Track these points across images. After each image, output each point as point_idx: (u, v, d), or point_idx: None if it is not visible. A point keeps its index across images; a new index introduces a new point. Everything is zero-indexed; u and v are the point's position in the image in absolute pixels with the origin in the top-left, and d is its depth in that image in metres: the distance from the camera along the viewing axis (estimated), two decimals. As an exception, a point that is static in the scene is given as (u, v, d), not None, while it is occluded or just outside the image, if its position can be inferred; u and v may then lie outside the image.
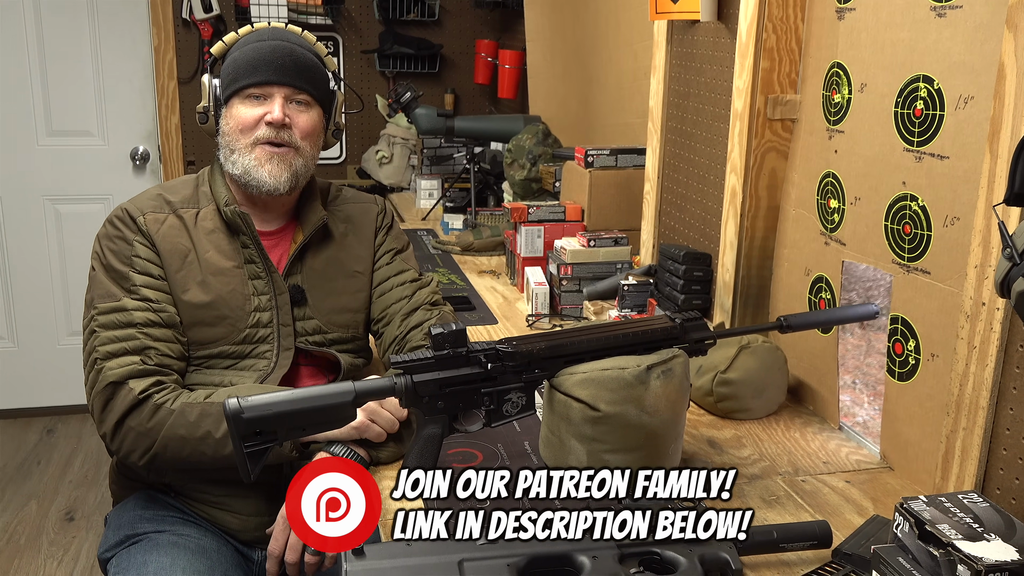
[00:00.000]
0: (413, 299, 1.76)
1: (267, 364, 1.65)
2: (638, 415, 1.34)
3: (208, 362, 1.65)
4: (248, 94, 1.63)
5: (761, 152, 1.86)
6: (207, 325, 1.63)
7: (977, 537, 1.05)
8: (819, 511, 1.39)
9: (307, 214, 1.74)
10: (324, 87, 1.72)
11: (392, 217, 1.88)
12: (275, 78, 1.63)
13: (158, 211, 1.66)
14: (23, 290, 4.08)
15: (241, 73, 1.63)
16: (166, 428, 1.49)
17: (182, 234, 1.65)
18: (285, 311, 1.68)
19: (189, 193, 1.71)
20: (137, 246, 1.61)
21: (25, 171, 3.99)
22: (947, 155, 1.38)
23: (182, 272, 1.63)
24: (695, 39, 2.14)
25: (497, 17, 4.41)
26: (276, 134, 1.63)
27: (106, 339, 1.54)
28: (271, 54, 1.63)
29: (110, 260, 1.61)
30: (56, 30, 3.91)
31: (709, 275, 2.07)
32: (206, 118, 1.70)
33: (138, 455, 1.52)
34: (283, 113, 1.62)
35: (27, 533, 3.25)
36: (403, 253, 1.84)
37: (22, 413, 4.16)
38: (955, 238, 1.37)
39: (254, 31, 1.70)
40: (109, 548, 1.65)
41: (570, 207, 2.49)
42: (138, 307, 1.57)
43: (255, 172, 1.63)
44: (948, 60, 1.38)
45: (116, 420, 1.51)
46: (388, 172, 4.20)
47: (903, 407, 1.51)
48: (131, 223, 1.63)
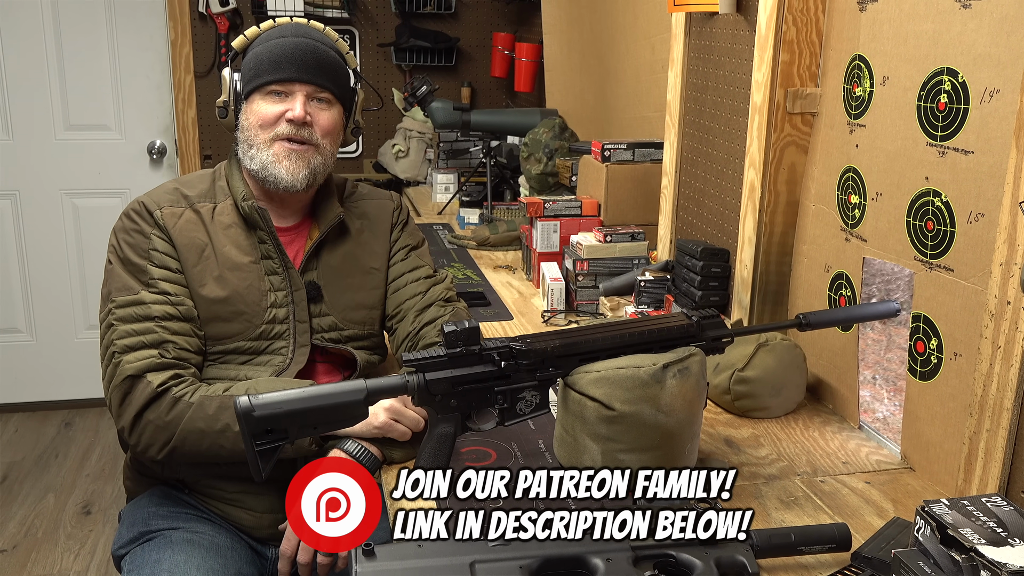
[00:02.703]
0: (427, 295, 1.76)
1: (283, 360, 1.65)
2: (654, 414, 1.32)
3: (224, 357, 1.64)
4: (270, 90, 1.63)
5: (780, 146, 1.83)
6: (223, 320, 1.63)
7: (1001, 542, 1.02)
8: (838, 513, 1.37)
9: (324, 211, 1.73)
10: (345, 85, 1.71)
11: (408, 213, 1.87)
12: (297, 75, 1.62)
13: (175, 205, 1.65)
14: (41, 284, 4.10)
15: (263, 69, 1.63)
16: (185, 421, 1.49)
17: (199, 228, 1.64)
18: (301, 307, 1.67)
19: (206, 187, 1.70)
20: (154, 239, 1.61)
21: (43, 165, 4.01)
22: (971, 150, 1.35)
23: (199, 267, 1.62)
24: (713, 31, 2.11)
25: (514, 10, 4.39)
26: (296, 131, 1.62)
27: (124, 332, 1.54)
28: (294, 51, 1.63)
29: (127, 253, 1.60)
30: (73, 24, 3.92)
31: (727, 271, 2.05)
32: (226, 112, 1.69)
33: (156, 449, 1.51)
34: (304, 111, 1.62)
35: (44, 526, 3.27)
36: (418, 249, 1.83)
37: (40, 406, 4.19)
38: (979, 235, 1.34)
39: (276, 27, 1.69)
40: (123, 545, 1.65)
41: (586, 202, 2.47)
42: (156, 300, 1.57)
43: (273, 168, 1.62)
44: (973, 52, 1.35)
45: (135, 413, 1.50)
46: (404, 166, 4.19)
47: (925, 407, 1.49)
48: (148, 217, 1.62)
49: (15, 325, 4.14)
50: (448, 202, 3.66)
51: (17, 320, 4.13)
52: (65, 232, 4.08)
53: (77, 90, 3.98)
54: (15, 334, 4.15)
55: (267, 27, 1.69)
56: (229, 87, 1.68)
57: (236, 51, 1.70)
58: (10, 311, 4.11)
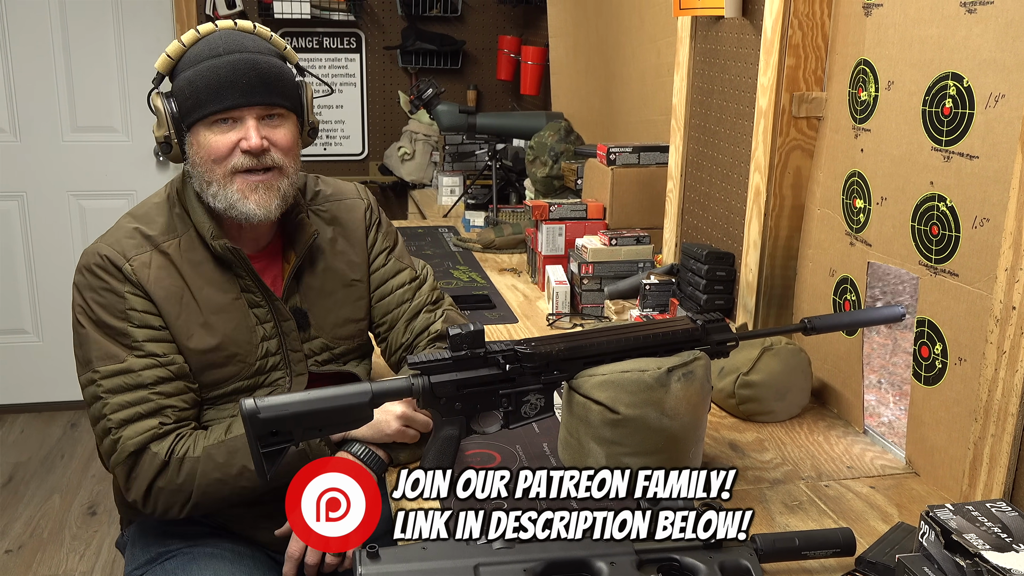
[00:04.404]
0: (415, 301, 1.72)
1: (283, 392, 1.59)
2: (658, 418, 1.32)
3: (221, 400, 1.57)
4: (215, 120, 1.48)
5: (786, 150, 1.83)
6: (218, 367, 1.54)
7: (1005, 547, 1.02)
8: (842, 517, 1.37)
9: (295, 231, 1.62)
10: (294, 93, 1.55)
11: (379, 211, 1.78)
12: (243, 100, 1.47)
13: (140, 251, 1.50)
14: (48, 285, 4.11)
15: (203, 99, 1.46)
16: (199, 476, 1.44)
17: (171, 273, 1.51)
18: (292, 337, 1.60)
19: (165, 220, 1.55)
20: (129, 297, 1.48)
21: (49, 167, 4.02)
22: (977, 154, 1.35)
23: (182, 317, 1.51)
24: (719, 35, 2.11)
25: (520, 13, 4.39)
26: (256, 161, 1.49)
27: (117, 405, 1.45)
28: (232, 73, 1.46)
29: (101, 315, 1.47)
30: (80, 27, 3.94)
31: (732, 275, 2.05)
32: (169, 147, 1.51)
33: (177, 510, 1.47)
34: (259, 137, 1.48)
35: (50, 527, 3.28)
36: (396, 250, 1.76)
37: (46, 407, 4.20)
38: (984, 240, 1.34)
39: (203, 40, 1.51)
40: (140, 566, 1.60)
41: (592, 205, 2.47)
42: (145, 365, 1.46)
43: (242, 206, 1.49)
44: (978, 57, 1.35)
45: (146, 487, 1.45)
46: (410, 168, 4.20)
47: (929, 411, 1.49)
48: (116, 272, 1.48)
49: (22, 326, 4.15)
50: (453, 205, 3.66)
51: (24, 321, 4.15)
52: (72, 233, 4.09)
53: (84, 92, 4.00)
54: (21, 335, 4.16)
55: (191, 41, 1.51)
56: (167, 118, 1.49)
57: (162, 73, 1.52)
58: (17, 312, 4.13)
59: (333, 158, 4.39)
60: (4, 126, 3.95)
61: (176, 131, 1.50)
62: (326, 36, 4.28)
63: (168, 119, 1.50)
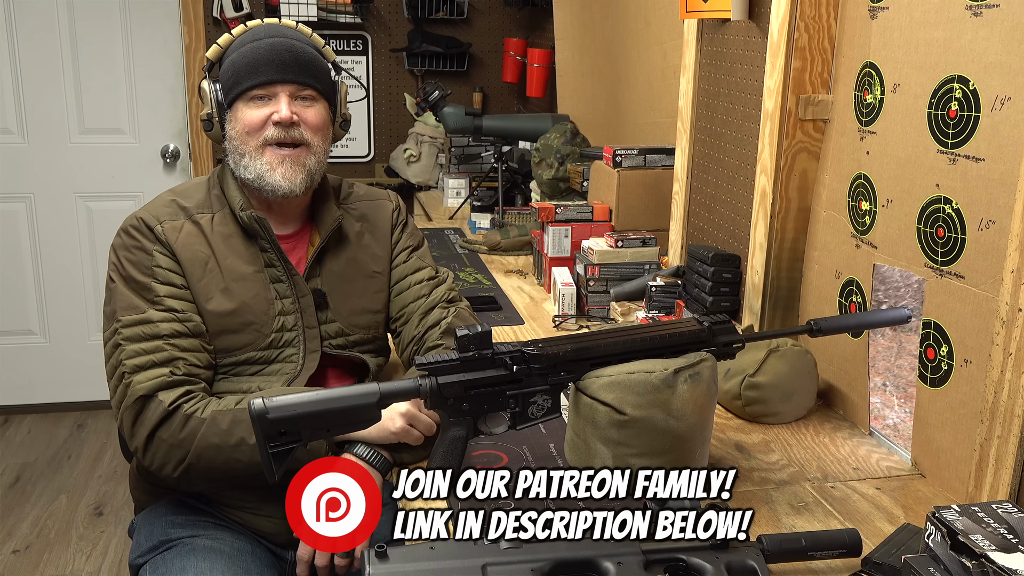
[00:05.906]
0: (431, 297, 1.76)
1: (294, 367, 1.64)
2: (665, 419, 1.32)
3: (235, 369, 1.63)
4: (252, 96, 1.61)
5: (792, 153, 1.84)
6: (233, 332, 1.61)
7: (1011, 548, 1.02)
8: (848, 518, 1.37)
9: (322, 215, 1.72)
10: (327, 80, 1.69)
11: (407, 213, 1.86)
12: (278, 76, 1.60)
13: (174, 218, 1.63)
14: (55, 286, 4.13)
15: (242, 75, 1.61)
16: (199, 438, 1.48)
17: (200, 241, 1.62)
18: (309, 313, 1.67)
19: (202, 197, 1.68)
20: (157, 256, 1.59)
21: (57, 169, 4.04)
22: (982, 157, 1.36)
23: (204, 280, 1.60)
24: (725, 38, 2.12)
25: (526, 15, 4.40)
26: (286, 133, 1.61)
27: (132, 352, 1.52)
28: (270, 52, 1.61)
29: (130, 271, 1.58)
30: (88, 29, 3.96)
31: (738, 277, 2.05)
32: (211, 124, 1.66)
33: (172, 467, 1.50)
34: (290, 111, 1.60)
35: (57, 527, 3.29)
36: (419, 250, 1.83)
37: (53, 408, 4.22)
38: (990, 242, 1.35)
39: (249, 30, 1.67)
40: (142, 554, 1.63)
41: (598, 207, 2.48)
42: (164, 318, 1.55)
43: (268, 176, 1.61)
44: (984, 60, 1.35)
45: (148, 434, 1.49)
46: (416, 171, 4.20)
47: (935, 413, 1.49)
48: (148, 232, 1.60)
49: (29, 327, 4.17)
50: (459, 207, 3.67)
51: (31, 322, 4.16)
52: (79, 235, 4.11)
53: (91, 94, 4.02)
54: (29, 336, 4.18)
55: (240, 32, 1.68)
56: (210, 98, 1.65)
57: (212, 61, 1.69)
58: (24, 313, 4.15)
59: (339, 160, 4.40)
60: (12, 128, 3.97)
61: (218, 110, 1.65)
62: (332, 38, 4.29)
63: (212, 100, 1.65)
